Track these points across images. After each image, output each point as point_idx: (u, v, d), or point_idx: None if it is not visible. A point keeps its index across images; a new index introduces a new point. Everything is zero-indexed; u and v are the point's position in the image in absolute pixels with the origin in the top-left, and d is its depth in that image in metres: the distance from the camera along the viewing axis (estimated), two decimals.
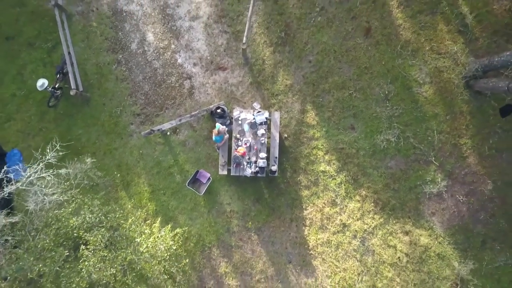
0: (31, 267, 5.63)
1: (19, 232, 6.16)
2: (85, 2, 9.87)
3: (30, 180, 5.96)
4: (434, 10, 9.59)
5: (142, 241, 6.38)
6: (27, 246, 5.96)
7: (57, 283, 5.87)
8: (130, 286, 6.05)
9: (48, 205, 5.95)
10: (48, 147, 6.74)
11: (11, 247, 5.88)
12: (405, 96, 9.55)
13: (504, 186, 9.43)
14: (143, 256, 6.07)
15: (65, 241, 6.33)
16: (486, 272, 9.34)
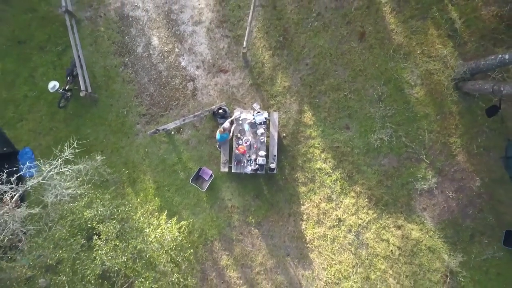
0: (50, 254, 6.24)
1: (36, 223, 6.77)
2: (93, 8, 10.50)
3: (50, 174, 6.57)
4: (425, 16, 10.21)
5: (151, 232, 7.01)
6: (45, 236, 6.57)
7: (74, 270, 6.48)
8: (140, 272, 6.67)
9: (66, 198, 6.56)
10: (66, 144, 7.35)
11: (31, 237, 6.49)
12: (398, 97, 10.17)
13: (491, 183, 10.04)
14: (152, 245, 6.69)
15: (79, 232, 6.94)
16: (474, 265, 9.96)
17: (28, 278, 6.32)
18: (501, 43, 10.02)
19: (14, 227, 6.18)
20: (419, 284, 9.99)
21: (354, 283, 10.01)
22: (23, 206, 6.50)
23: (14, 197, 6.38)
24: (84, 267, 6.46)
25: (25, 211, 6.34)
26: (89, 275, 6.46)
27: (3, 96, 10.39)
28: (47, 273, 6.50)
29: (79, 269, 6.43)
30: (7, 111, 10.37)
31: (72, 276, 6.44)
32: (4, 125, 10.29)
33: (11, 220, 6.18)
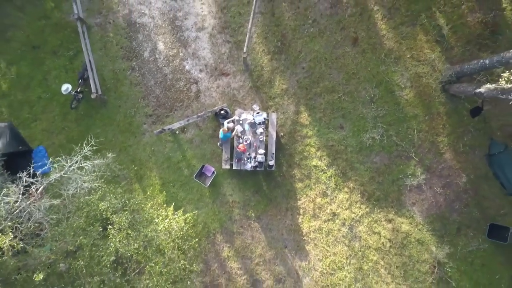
0: (71, 240, 7.07)
1: (56, 214, 7.61)
2: (103, 15, 11.36)
3: (72, 169, 7.41)
4: (414, 22, 11.04)
5: (160, 222, 7.84)
6: (65, 225, 7.41)
7: (91, 255, 7.31)
8: (150, 258, 7.51)
9: (84, 191, 7.39)
10: (85, 142, 8.21)
11: (51, 226, 7.33)
12: (388, 99, 11.01)
13: (476, 179, 10.87)
14: (161, 233, 7.53)
15: (95, 222, 7.78)
16: (460, 256, 10.78)
17: (50, 262, 7.15)
18: (486, 48, 10.85)
19: (39, 216, 7.02)
20: (409, 274, 10.81)
21: (348, 273, 10.84)
22: (46, 197, 7.33)
23: (39, 189, 7.23)
24: (100, 253, 7.29)
25: (48, 202, 7.18)
26: (105, 260, 7.29)
27: (18, 97, 11.25)
28: (67, 258, 7.33)
29: (96, 255, 7.27)
30: (22, 112, 11.22)
31: (89, 261, 7.28)
32: (19, 125, 11.14)
33: (36, 210, 7.03)
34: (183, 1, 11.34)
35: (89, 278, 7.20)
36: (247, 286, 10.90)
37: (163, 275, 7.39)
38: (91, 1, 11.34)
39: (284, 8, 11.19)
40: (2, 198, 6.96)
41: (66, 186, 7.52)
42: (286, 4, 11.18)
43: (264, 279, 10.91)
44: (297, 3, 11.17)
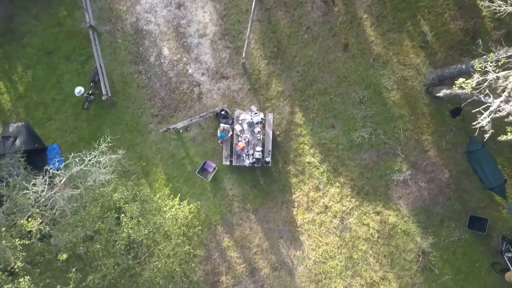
0: (89, 226, 8.21)
1: (75, 203, 8.75)
2: (112, 23, 12.53)
3: (91, 163, 8.55)
4: (400, 29, 12.19)
5: (167, 210, 8.98)
6: (83, 213, 8.55)
7: (107, 239, 8.45)
8: (159, 243, 8.65)
9: (101, 182, 8.53)
10: (101, 139, 9.37)
11: (71, 213, 8.46)
12: (377, 100, 12.15)
13: (458, 175, 12.00)
14: (168, 221, 8.66)
15: (109, 211, 8.92)
16: (443, 246, 11.90)
17: (71, 246, 8.28)
18: (467, 53, 11.98)
19: (62, 204, 8.16)
20: (395, 262, 11.93)
21: (339, 262, 11.97)
22: (69, 187, 8.47)
23: (62, 180, 8.36)
24: (114, 238, 8.43)
25: (70, 192, 8.31)
26: (119, 244, 8.43)
27: (34, 99, 12.43)
28: (85, 242, 8.47)
29: (111, 239, 8.41)
30: (38, 112, 12.40)
31: (105, 245, 8.42)
32: (35, 125, 12.31)
33: (60, 198, 8.16)
34: (186, 10, 12.51)
35: (105, 260, 8.34)
36: (246, 274, 12.04)
37: (171, 257, 8.53)
38: (102, 10, 12.50)
39: (280, 16, 12.35)
40: (31, 187, 8.12)
41: (83, 179, 8.66)
42: (281, 12, 12.34)
43: (262, 267, 12.04)
44: (292, 12, 12.33)
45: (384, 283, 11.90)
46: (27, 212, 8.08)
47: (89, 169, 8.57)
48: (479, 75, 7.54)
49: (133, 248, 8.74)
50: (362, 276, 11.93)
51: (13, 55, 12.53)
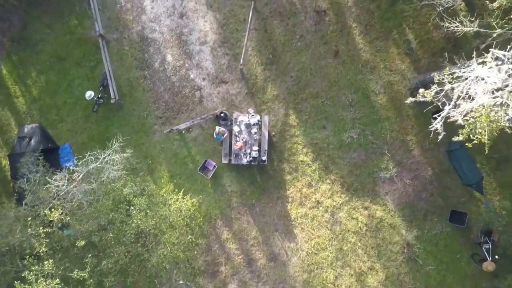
0: (104, 216, 9.46)
1: (91, 196, 10.02)
2: (119, 31, 13.81)
3: (106, 160, 9.82)
4: (387, 37, 13.45)
5: (172, 203, 10.25)
6: (97, 205, 9.82)
7: (119, 229, 9.71)
8: (164, 232, 9.92)
9: (113, 178, 9.80)
10: (114, 139, 10.66)
11: (88, 205, 9.73)
12: (365, 103, 13.41)
13: (440, 172, 13.26)
14: (173, 212, 9.93)
15: (120, 204, 10.20)
16: (426, 238, 13.15)
17: (87, 234, 9.54)
18: (448, 60, 13.20)
19: (79, 197, 9.42)
20: (382, 254, 13.19)
21: (330, 253, 13.24)
22: (84, 182, 9.74)
23: (80, 176, 9.62)
24: (125, 228, 9.70)
25: (87, 186, 9.58)
26: (129, 234, 9.70)
27: (47, 102, 13.72)
28: (99, 232, 9.74)
29: (123, 229, 9.67)
30: (50, 114, 13.69)
31: (117, 234, 9.68)
32: (48, 126, 13.60)
33: (77, 192, 9.43)
34: (188, 19, 13.79)
35: (117, 247, 9.61)
36: (243, 264, 13.32)
37: (175, 245, 9.81)
38: (110, 19, 13.79)
39: (275, 25, 13.62)
40: (53, 182, 9.40)
41: (96, 176, 9.93)
42: (276, 21, 13.61)
43: (258, 258, 13.32)
44: (286, 21, 13.60)
45: (372, 273, 13.16)
46: (49, 204, 9.35)
47: (103, 166, 9.84)
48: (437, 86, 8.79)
49: (141, 237, 10.02)
50: (351, 266, 13.19)
51: (27, 61, 13.82)
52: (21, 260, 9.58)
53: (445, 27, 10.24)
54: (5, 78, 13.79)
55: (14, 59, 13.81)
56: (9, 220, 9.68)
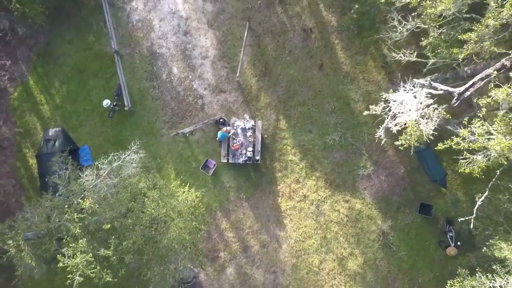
0: (123, 206, 12.10)
1: (112, 189, 12.68)
2: (131, 47, 16.50)
3: (126, 159, 12.48)
4: (365, 52, 16.10)
5: (180, 195, 12.89)
6: (118, 197, 12.46)
7: (137, 216, 12.34)
8: (173, 219, 12.57)
9: (131, 174, 12.45)
10: (133, 142, 13.33)
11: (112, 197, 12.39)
12: (346, 110, 16.07)
13: (411, 170, 15.91)
14: (181, 202, 12.57)
15: (137, 195, 12.84)
16: (399, 228, 15.81)
17: (111, 220, 12.18)
18: (419, 72, 15.84)
19: (105, 189, 12.09)
20: (361, 241, 15.85)
21: (315, 240, 15.90)
22: (108, 178, 12.39)
23: (105, 172, 12.27)
24: (141, 215, 12.35)
25: (110, 181, 12.23)
26: (144, 220, 12.35)
27: (68, 109, 16.43)
28: (120, 218, 12.39)
29: (139, 216, 12.32)
30: (71, 120, 16.40)
31: (135, 220, 12.33)
32: (69, 129, 16.30)
33: (103, 185, 12.09)
34: (191, 36, 16.47)
35: (134, 231, 12.25)
36: (240, 250, 15.99)
37: (182, 229, 12.46)
38: (123, 37, 16.49)
39: (267, 42, 16.30)
40: (84, 177, 12.10)
41: (116, 172, 12.59)
42: (269, 39, 16.29)
43: (253, 245, 15.99)
44: (277, 38, 16.28)
45: (352, 258, 15.83)
46: (80, 195, 12.00)
47: (124, 164, 12.49)
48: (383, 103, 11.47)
49: (154, 223, 12.67)
50: (334, 252, 15.86)
51: (51, 73, 16.54)
52: (56, 241, 12.26)
53: (391, 56, 12.91)
54: (31, 88, 16.51)
55: (39, 71, 16.52)
56: (46, 209, 12.37)
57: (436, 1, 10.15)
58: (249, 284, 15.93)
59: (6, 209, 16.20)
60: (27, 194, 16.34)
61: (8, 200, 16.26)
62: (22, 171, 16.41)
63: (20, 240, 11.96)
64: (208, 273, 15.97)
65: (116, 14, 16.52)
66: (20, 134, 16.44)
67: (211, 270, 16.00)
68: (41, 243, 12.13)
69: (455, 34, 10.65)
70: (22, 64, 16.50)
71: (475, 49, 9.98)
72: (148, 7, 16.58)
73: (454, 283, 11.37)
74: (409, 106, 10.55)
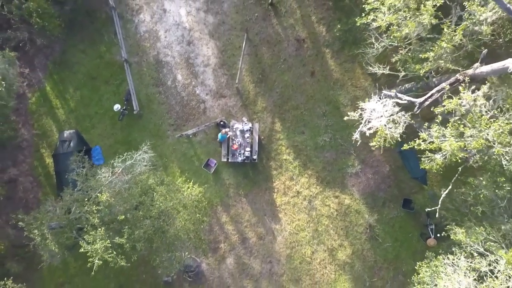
0: (135, 200, 14.17)
1: (126, 185, 14.74)
2: (139, 56, 18.60)
3: (138, 158, 14.56)
4: (353, 60, 18.18)
5: (185, 190, 14.96)
6: (131, 192, 14.53)
7: (147, 209, 14.39)
8: (179, 211, 14.64)
9: (141, 170, 14.53)
10: (143, 143, 15.41)
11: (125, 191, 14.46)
12: (335, 113, 18.14)
13: (395, 168, 17.98)
14: (186, 196, 14.64)
15: (146, 191, 14.92)
16: (384, 221, 17.88)
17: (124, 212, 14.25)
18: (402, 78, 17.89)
19: (119, 185, 14.16)
20: (349, 234, 17.92)
21: (308, 233, 17.97)
22: (122, 174, 14.45)
23: (120, 170, 14.34)
24: (151, 208, 14.42)
25: (125, 177, 14.31)
26: (153, 212, 14.42)
27: (82, 112, 18.53)
28: (132, 210, 14.45)
29: (149, 208, 14.38)
30: (85, 122, 18.50)
31: (145, 212, 14.39)
32: (83, 131, 18.40)
33: (118, 181, 14.16)
34: (194, 46, 18.56)
35: (145, 222, 14.31)
36: (239, 242, 18.06)
37: (187, 220, 14.53)
38: (131, 46, 18.59)
39: (264, 51, 18.38)
40: (101, 173, 14.21)
41: (128, 170, 14.66)
42: (265, 48, 18.37)
43: (250, 237, 18.07)
44: (272, 48, 18.36)
45: (341, 249, 17.89)
46: (98, 190, 14.08)
47: (136, 162, 14.57)
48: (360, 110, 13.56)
49: (162, 214, 14.73)
50: (324, 244, 17.92)
51: (66, 80, 18.65)
52: (76, 230, 14.34)
53: (368, 69, 15.04)
54: (48, 94, 18.61)
55: (55, 78, 18.63)
56: (67, 202, 14.46)
57: (401, 26, 12.21)
58: (247, 273, 18.00)
59: (25, 204, 18.29)
60: (44, 191, 18.43)
61: (27, 196, 18.35)
62: (40, 170, 18.50)
63: (45, 230, 14.04)
64: (209, 262, 18.05)
65: (125, 26, 18.62)
66: (37, 136, 18.54)
67: (212, 260, 18.07)
68: (63, 232, 14.23)
69: (419, 53, 12.72)
70: (39, 72, 18.61)
71: (433, 66, 12.05)
72: (154, 19, 18.67)
73: (422, 264, 13.40)
74: (379, 114, 12.61)
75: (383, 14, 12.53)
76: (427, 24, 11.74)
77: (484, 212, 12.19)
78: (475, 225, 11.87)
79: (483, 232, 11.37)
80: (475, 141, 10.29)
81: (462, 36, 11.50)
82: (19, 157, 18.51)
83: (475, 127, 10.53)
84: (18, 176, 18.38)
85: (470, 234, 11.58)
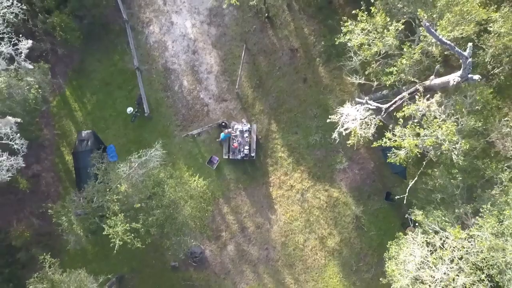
0: (149, 191, 17.32)
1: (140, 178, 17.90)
2: (149, 64, 21.83)
3: (154, 155, 17.74)
4: (341, 68, 21.33)
5: (192, 182, 18.13)
6: (144, 184, 17.68)
7: (160, 199, 17.52)
8: (187, 200, 17.80)
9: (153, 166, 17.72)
10: (156, 142, 18.59)
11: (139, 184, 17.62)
12: (325, 116, 21.22)
13: (380, 165, 21.15)
14: (193, 188, 17.81)
15: (158, 183, 18.08)
16: (370, 212, 21.04)
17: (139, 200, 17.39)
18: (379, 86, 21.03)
19: (136, 177, 17.34)
20: (338, 223, 21.07)
21: (300, 223, 21.13)
22: (138, 169, 17.62)
23: (136, 164, 17.52)
24: (162, 198, 17.58)
25: (139, 171, 17.48)
26: (164, 201, 17.58)
27: (97, 114, 21.77)
28: (146, 200, 17.61)
29: (161, 198, 17.53)
30: (100, 123, 21.74)
31: (157, 201, 17.54)
32: (98, 131, 21.64)
33: (135, 175, 17.35)
34: (199, 55, 21.78)
35: (157, 210, 17.48)
36: (238, 231, 21.23)
37: (193, 208, 17.70)
38: (142, 55, 21.83)
39: (261, 60, 21.60)
40: (120, 167, 17.41)
41: (142, 165, 17.84)
42: (262, 57, 21.60)
43: (249, 226, 21.24)
44: (269, 57, 21.58)
45: (331, 237, 21.03)
46: (117, 182, 17.27)
47: (149, 159, 17.76)
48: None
49: (172, 203, 17.89)
50: (316, 232, 21.06)
51: (83, 85, 21.91)
52: (97, 217, 17.54)
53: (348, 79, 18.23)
54: (68, 98, 21.87)
55: (74, 84, 21.90)
56: (90, 192, 17.67)
57: (372, 45, 15.35)
58: (246, 259, 21.15)
59: (47, 197, 21.53)
60: (64, 185, 21.67)
61: (49, 189, 21.59)
62: (60, 166, 21.75)
63: (72, 216, 17.24)
64: (212, 249, 21.22)
65: (137, 37, 21.87)
66: (58, 135, 21.80)
67: (214, 247, 21.23)
68: (87, 218, 17.43)
69: (386, 67, 15.90)
70: (60, 78, 21.87)
71: (396, 79, 15.18)
72: (163, 30, 21.91)
73: (392, 243, 16.53)
74: (352, 117, 15.77)
75: (357, 35, 15.67)
76: (392, 44, 14.90)
77: (444, 198, 15.28)
78: (434, 209, 14.96)
79: (439, 215, 14.47)
80: (428, 139, 13.41)
81: (420, 54, 14.64)
82: (42, 154, 21.75)
83: (428, 128, 13.64)
84: (41, 172, 21.62)
85: (428, 216, 14.69)
